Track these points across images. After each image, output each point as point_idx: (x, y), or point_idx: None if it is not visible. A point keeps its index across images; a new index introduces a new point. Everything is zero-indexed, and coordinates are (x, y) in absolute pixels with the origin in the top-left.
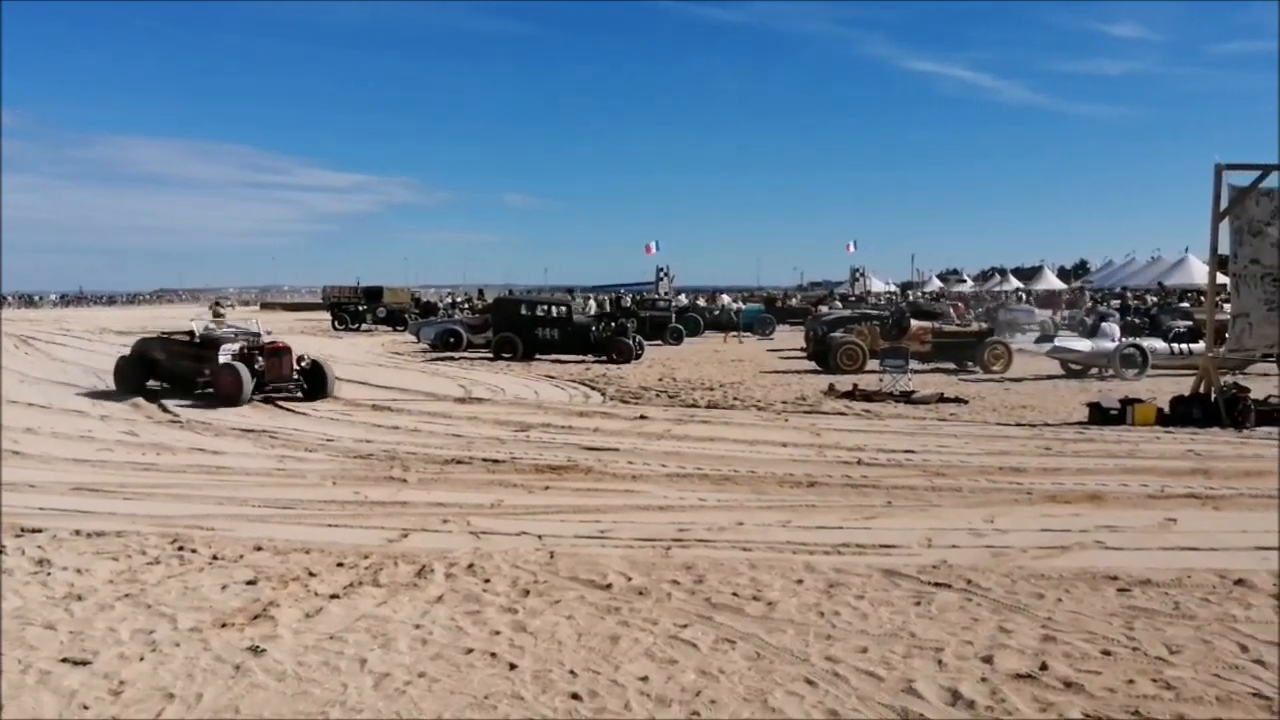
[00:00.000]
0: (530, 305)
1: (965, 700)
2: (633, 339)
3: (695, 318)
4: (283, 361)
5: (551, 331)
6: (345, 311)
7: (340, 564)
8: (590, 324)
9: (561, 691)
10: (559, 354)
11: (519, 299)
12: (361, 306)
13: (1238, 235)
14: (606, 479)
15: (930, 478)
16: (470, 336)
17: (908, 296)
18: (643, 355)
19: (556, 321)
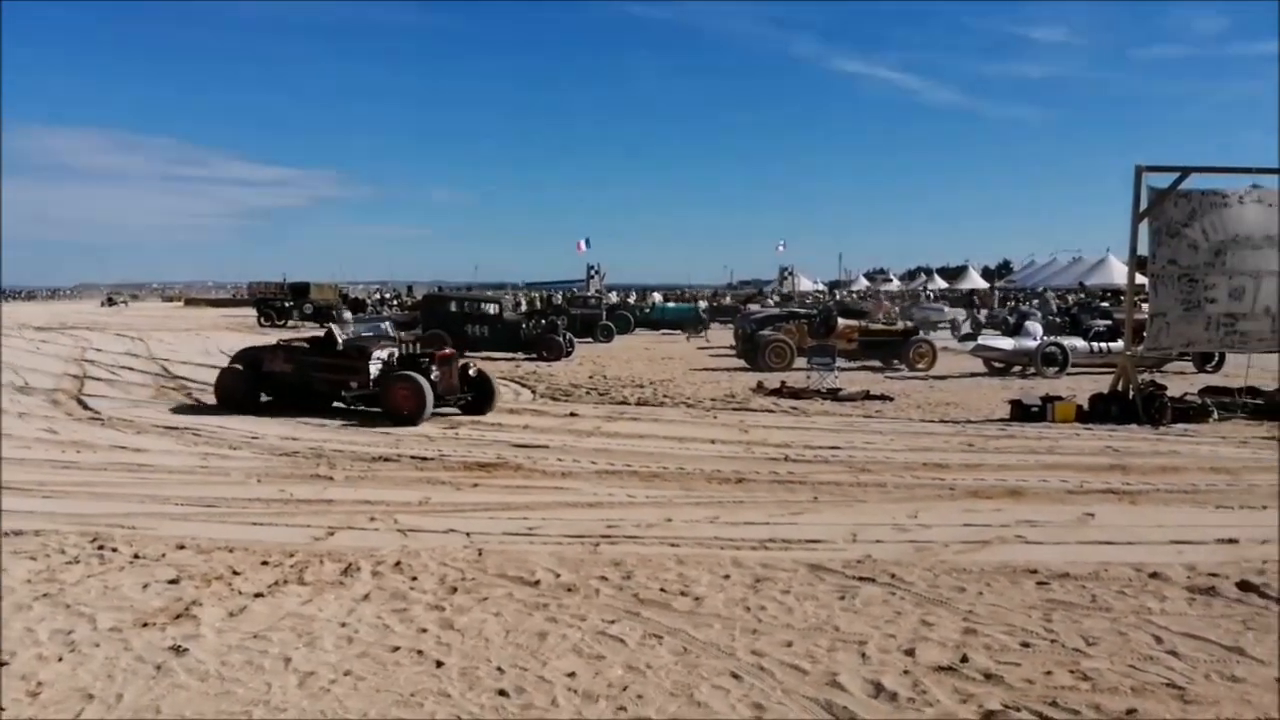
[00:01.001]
0: (460, 302)
1: (888, 693)
2: (563, 336)
3: (626, 315)
4: (453, 371)
5: (482, 329)
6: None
7: (265, 562)
8: (521, 321)
9: (488, 688)
10: (489, 351)
11: (449, 295)
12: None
13: (1156, 236)
14: (536, 476)
15: (856, 474)
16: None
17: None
18: (573, 353)
19: (487, 319)
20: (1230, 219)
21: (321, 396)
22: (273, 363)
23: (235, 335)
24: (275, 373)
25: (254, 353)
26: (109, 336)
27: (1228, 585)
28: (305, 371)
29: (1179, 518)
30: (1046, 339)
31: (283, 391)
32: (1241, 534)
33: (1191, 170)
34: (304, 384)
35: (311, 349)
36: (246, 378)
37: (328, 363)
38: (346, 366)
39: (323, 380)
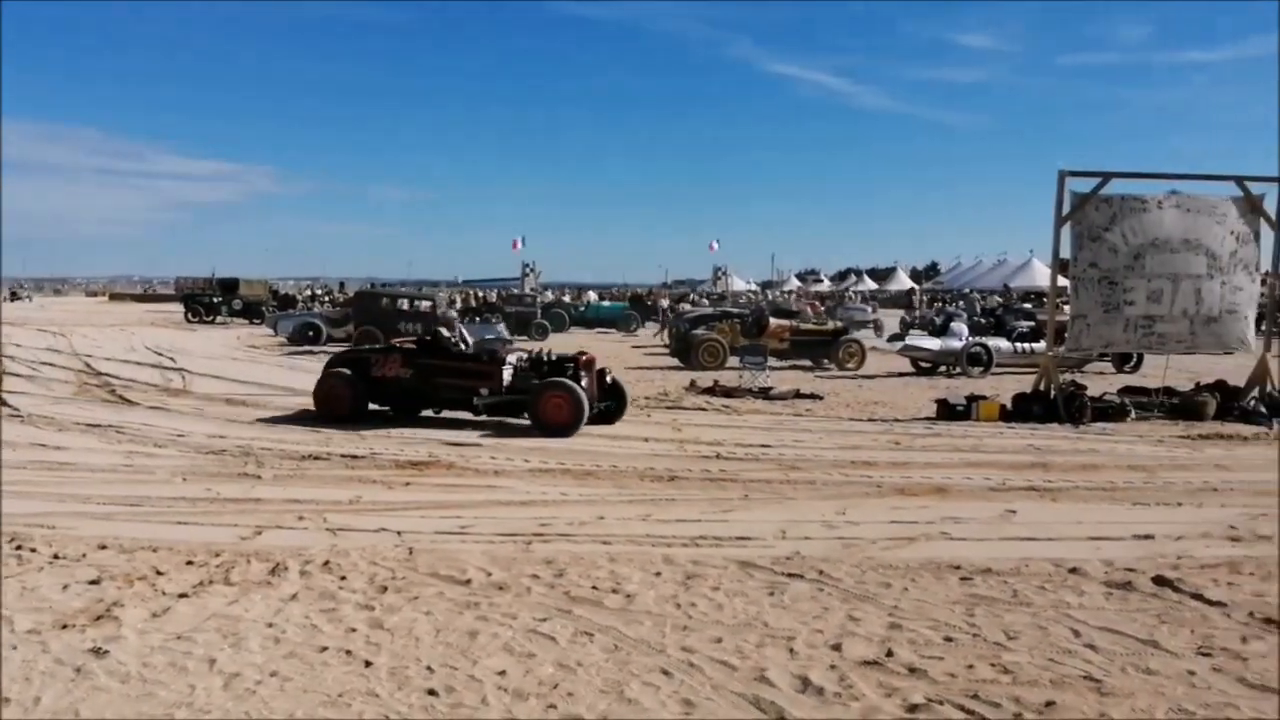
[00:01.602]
0: (393, 299)
1: (815, 687)
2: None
3: (561, 313)
4: (594, 378)
5: (414, 326)
6: (199, 304)
7: (190, 562)
8: (455, 319)
9: (418, 688)
10: None
11: (381, 292)
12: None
13: (1078, 240)
14: (468, 475)
15: (786, 471)
16: (330, 330)
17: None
18: None
19: (420, 316)
20: (1149, 223)
21: (446, 404)
22: (385, 367)
23: (162, 331)
24: (389, 379)
25: (360, 356)
26: (29, 332)
27: (1143, 580)
28: (427, 377)
29: (1097, 514)
30: (972, 340)
31: (397, 399)
32: (1157, 530)
33: (1112, 175)
34: (424, 391)
35: (433, 352)
36: (355, 384)
37: (456, 367)
38: (477, 371)
39: (449, 386)
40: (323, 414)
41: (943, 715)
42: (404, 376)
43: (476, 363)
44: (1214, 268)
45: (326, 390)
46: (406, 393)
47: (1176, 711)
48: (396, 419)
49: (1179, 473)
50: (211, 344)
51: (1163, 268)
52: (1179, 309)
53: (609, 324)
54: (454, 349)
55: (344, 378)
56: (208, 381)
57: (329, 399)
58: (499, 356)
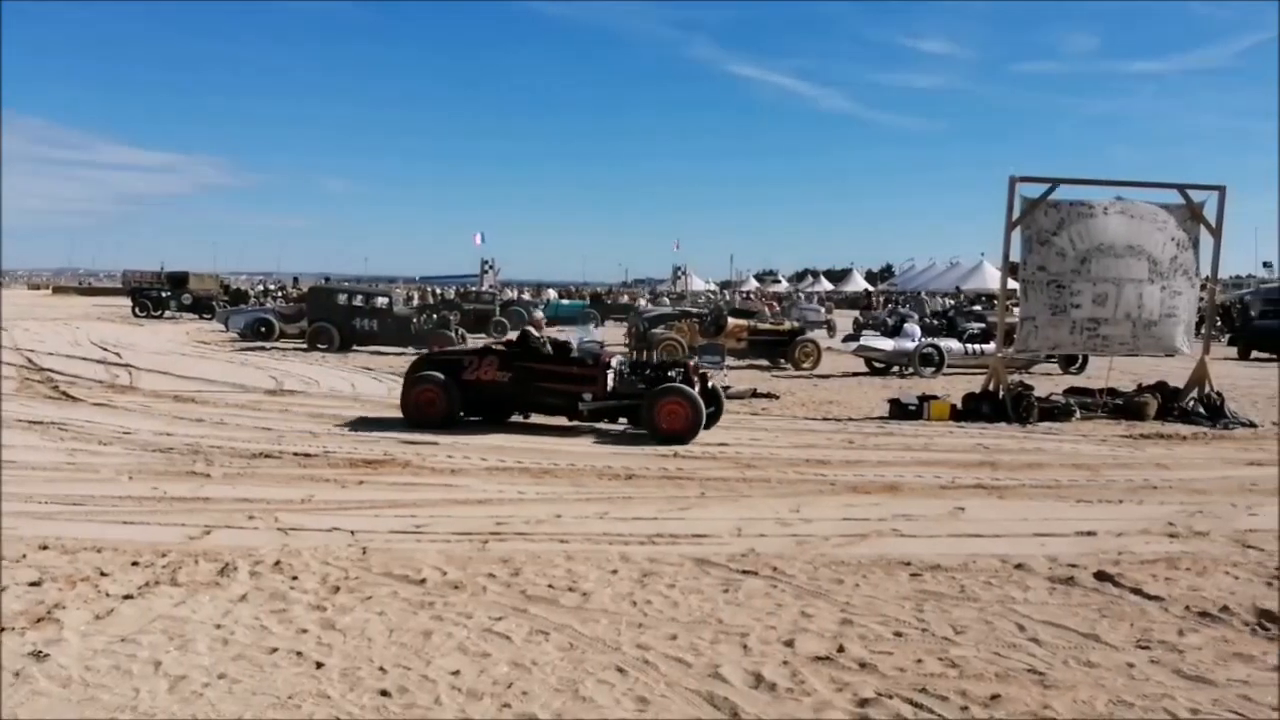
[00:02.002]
0: (349, 295)
1: (768, 683)
2: (456, 332)
3: (520, 311)
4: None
5: (370, 322)
6: (147, 298)
7: (135, 563)
8: (412, 316)
9: (370, 689)
10: (378, 346)
11: (335, 288)
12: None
13: (1028, 244)
14: (424, 473)
15: (742, 469)
16: (283, 326)
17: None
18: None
19: (376, 312)
20: (1095, 229)
21: (546, 409)
22: (480, 371)
23: (108, 326)
24: (484, 383)
25: (451, 359)
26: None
27: (1085, 575)
28: (526, 381)
29: (1043, 511)
30: (924, 340)
31: (493, 404)
32: (1099, 526)
33: (1061, 182)
34: (523, 395)
35: (533, 355)
36: (449, 390)
37: (558, 371)
38: (580, 376)
39: (551, 391)
40: (413, 421)
41: (892, 709)
42: (501, 380)
43: (580, 366)
44: (1155, 273)
45: (419, 397)
46: (504, 398)
47: (1116, 703)
48: None
49: (1121, 471)
50: (160, 339)
51: (1107, 272)
52: (1122, 312)
53: (568, 322)
54: (554, 351)
55: (437, 383)
56: (155, 378)
57: (421, 406)
58: (602, 360)
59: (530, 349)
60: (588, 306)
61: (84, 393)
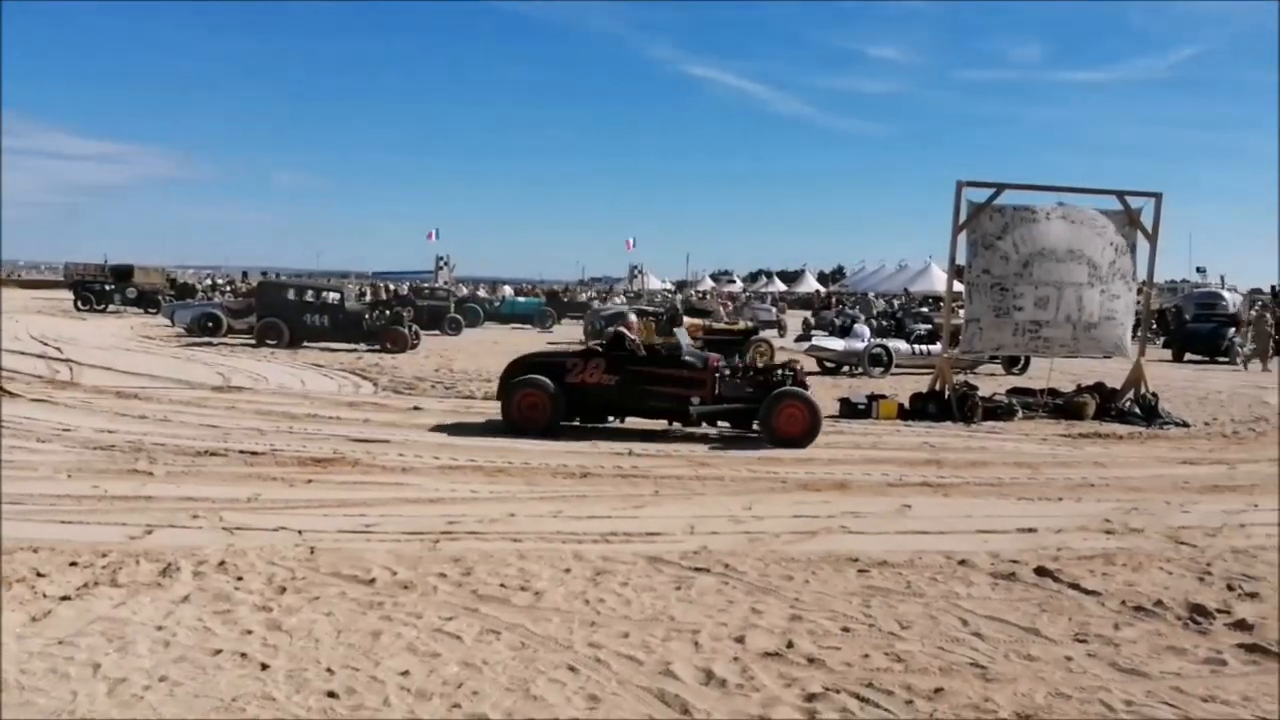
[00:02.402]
0: (299, 290)
1: (718, 679)
2: (409, 328)
3: (475, 308)
4: None
5: (321, 318)
6: (90, 291)
7: (74, 563)
8: (364, 311)
9: (317, 690)
10: (329, 341)
11: (285, 282)
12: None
13: (973, 247)
14: (375, 472)
15: (695, 468)
16: (231, 321)
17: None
18: (419, 345)
19: (327, 308)
20: (1038, 233)
21: (654, 413)
22: (586, 374)
23: (49, 320)
24: (589, 386)
25: (554, 362)
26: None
27: (1026, 571)
28: (634, 384)
29: (986, 509)
30: (873, 341)
31: (598, 408)
32: (1040, 524)
33: (1006, 187)
34: (630, 399)
35: (641, 358)
36: (554, 394)
37: (667, 374)
38: (690, 379)
39: (660, 395)
40: (517, 426)
41: (839, 704)
42: (608, 384)
43: (690, 370)
44: (1095, 277)
45: (521, 401)
46: (609, 401)
47: (1055, 695)
48: None
49: (1060, 469)
50: (103, 334)
51: (1049, 276)
52: (1063, 315)
53: (524, 320)
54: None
55: (542, 387)
56: (98, 373)
57: (526, 410)
58: (711, 364)
59: (644, 351)
60: (544, 304)
61: (22, 388)
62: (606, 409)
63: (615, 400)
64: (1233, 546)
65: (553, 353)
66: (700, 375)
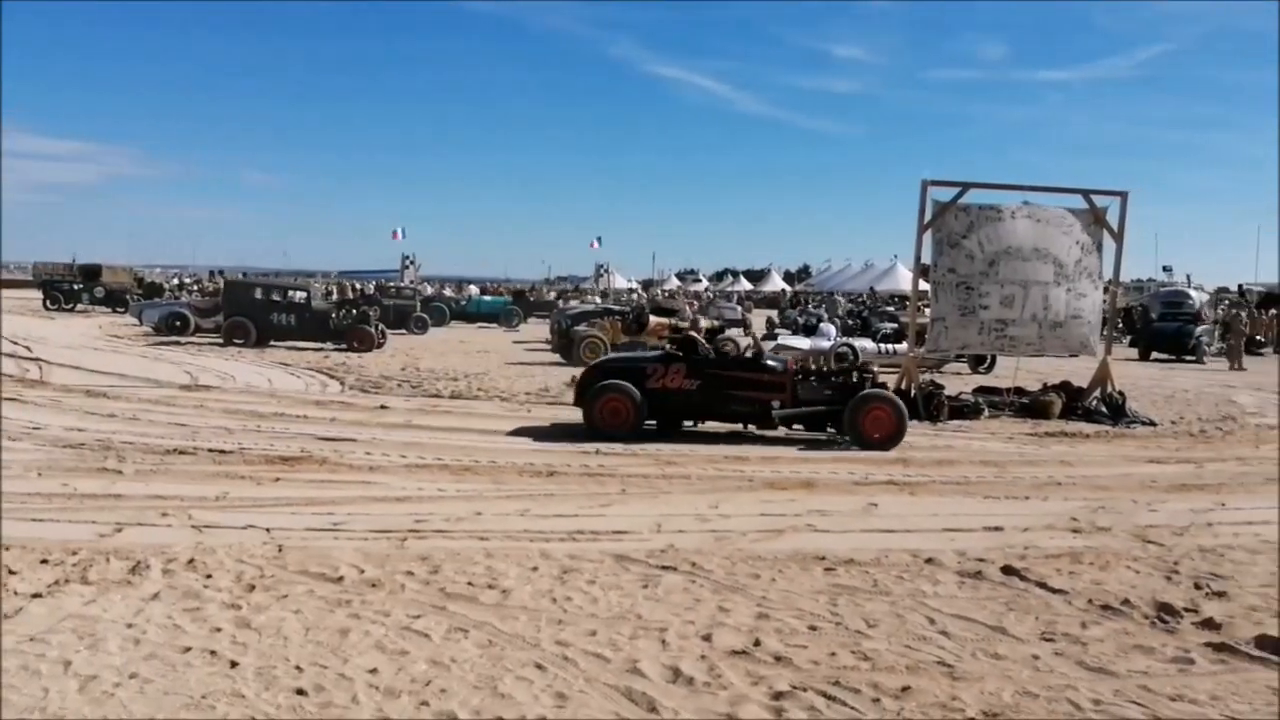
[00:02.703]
0: (266, 289)
1: (685, 677)
2: (375, 327)
3: (442, 307)
4: None
5: (288, 317)
6: (59, 290)
7: (44, 561)
8: (330, 310)
9: (286, 688)
10: (295, 340)
11: (252, 282)
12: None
13: (938, 246)
14: (342, 470)
15: (662, 466)
16: (199, 320)
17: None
18: (385, 344)
19: (294, 306)
20: (1003, 232)
21: (734, 418)
22: (667, 379)
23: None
24: (670, 390)
25: (634, 366)
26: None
27: (993, 570)
28: (715, 389)
29: (952, 507)
30: (839, 340)
31: (679, 412)
32: (1006, 522)
33: (971, 186)
34: (711, 404)
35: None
36: (637, 398)
37: (748, 378)
38: (771, 383)
39: (740, 399)
40: (600, 430)
41: (806, 702)
42: (688, 389)
43: (770, 374)
44: (1060, 275)
45: (605, 406)
46: (690, 406)
47: (1022, 694)
48: None
49: (1027, 468)
50: (71, 333)
51: (1014, 274)
52: (1028, 314)
53: (491, 319)
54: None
55: (626, 392)
56: (66, 372)
57: (609, 416)
58: (791, 368)
59: (720, 356)
60: (510, 303)
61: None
62: (687, 413)
63: (697, 404)
64: (1200, 545)
65: (633, 357)
66: (780, 379)
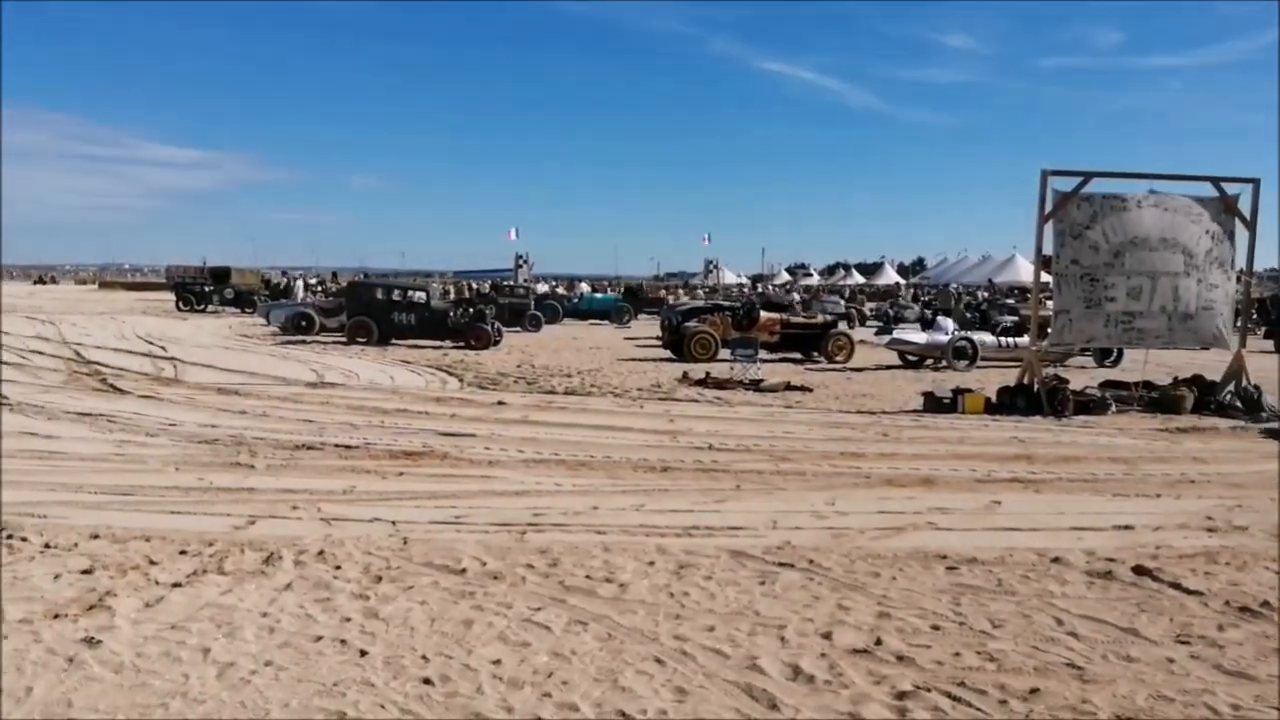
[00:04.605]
0: (386, 289)
1: (806, 675)
2: (491, 325)
3: (554, 304)
4: None
5: (408, 316)
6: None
7: (183, 552)
8: (449, 309)
9: (413, 677)
10: (416, 339)
11: (375, 283)
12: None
13: (1060, 237)
14: (463, 465)
15: (776, 462)
16: (323, 320)
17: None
18: (501, 342)
19: (413, 306)
20: (1129, 222)
21: None
22: None
23: (153, 320)
24: None
25: None
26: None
27: (1124, 570)
28: None
29: (1079, 505)
30: (957, 334)
31: None
32: (1137, 521)
33: (1094, 175)
34: None
35: None
36: None
37: None
38: None
39: None
40: None
41: (930, 702)
42: None
43: None
44: (1190, 266)
45: None
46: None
47: (1156, 698)
48: None
49: (1158, 465)
50: (203, 333)
51: (1142, 265)
52: (1157, 305)
53: (601, 316)
54: None
55: None
56: (200, 371)
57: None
58: None
59: None
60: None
61: (131, 385)
62: None
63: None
64: None
65: None
66: None
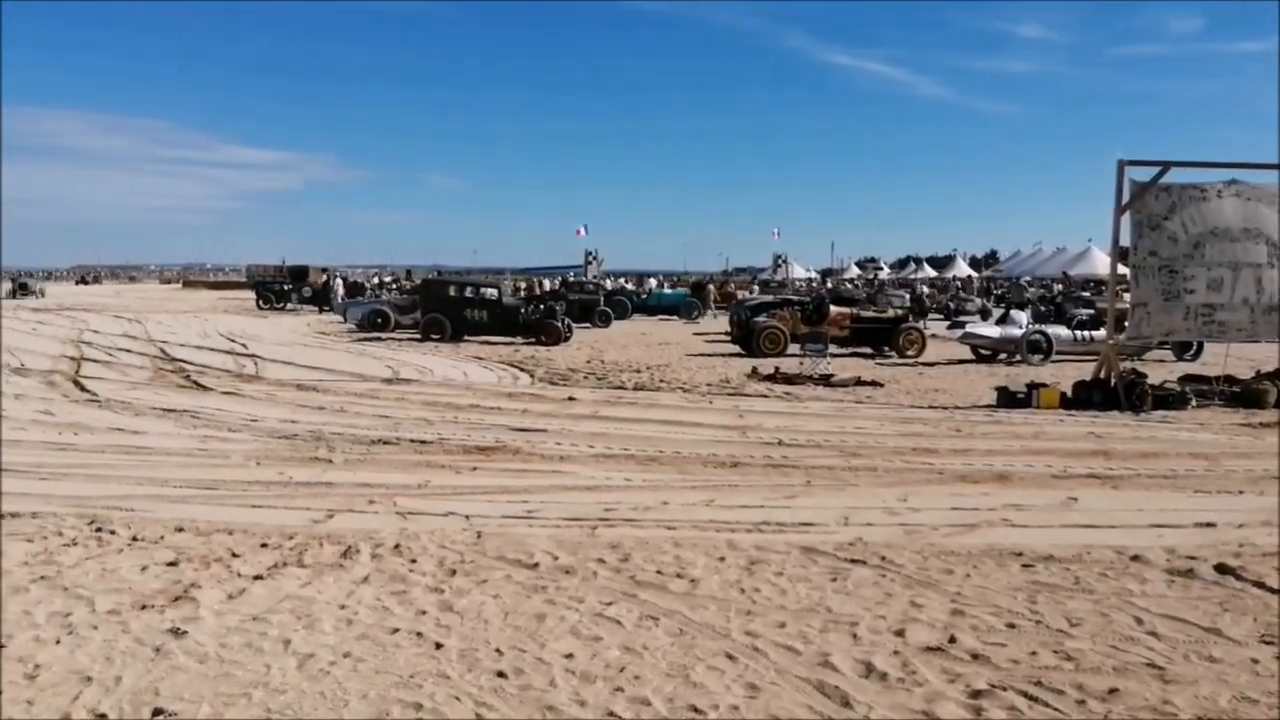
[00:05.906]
0: (459, 286)
1: (879, 672)
2: (562, 321)
3: (624, 301)
4: None
5: (480, 313)
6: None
7: (264, 545)
8: (520, 306)
9: (487, 670)
10: (488, 335)
11: (448, 280)
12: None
13: (1138, 229)
14: (534, 460)
15: (847, 458)
16: (398, 317)
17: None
18: (571, 337)
19: (486, 303)
20: (1209, 212)
21: None
22: None
23: (234, 318)
24: None
25: None
26: (106, 318)
27: (1205, 568)
28: None
29: (1159, 502)
30: (1032, 327)
31: None
32: (1219, 518)
33: (1172, 165)
34: None
35: None
36: None
37: None
38: None
39: None
40: None
41: (1006, 701)
42: None
43: None
44: (1275, 256)
45: None
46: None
47: (1241, 699)
48: None
49: (1240, 461)
50: (282, 331)
51: (1222, 256)
52: (1239, 297)
53: (670, 311)
54: None
55: None
56: (279, 367)
57: None
58: None
59: None
60: (690, 295)
61: (213, 382)
62: None
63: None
64: None
65: None
66: None
